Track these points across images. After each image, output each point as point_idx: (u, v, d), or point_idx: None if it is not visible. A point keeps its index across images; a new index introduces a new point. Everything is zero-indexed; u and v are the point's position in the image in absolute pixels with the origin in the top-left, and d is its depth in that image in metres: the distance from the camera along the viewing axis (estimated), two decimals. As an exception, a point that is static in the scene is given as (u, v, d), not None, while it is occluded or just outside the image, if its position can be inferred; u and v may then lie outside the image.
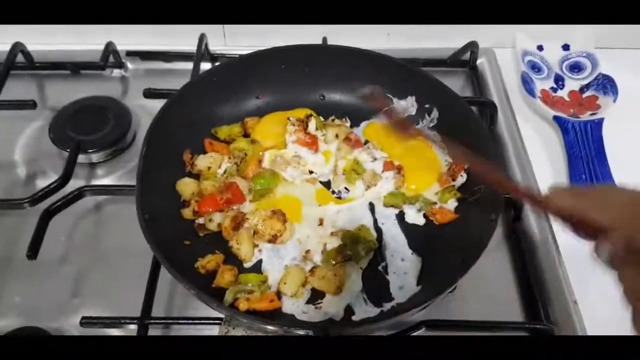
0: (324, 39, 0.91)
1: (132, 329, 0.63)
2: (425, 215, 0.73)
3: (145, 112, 0.87)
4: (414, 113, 0.80)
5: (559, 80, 0.94)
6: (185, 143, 0.76)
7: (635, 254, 0.41)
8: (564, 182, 0.79)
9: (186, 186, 0.73)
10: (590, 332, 0.64)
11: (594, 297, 0.67)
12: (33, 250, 0.65)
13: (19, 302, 0.68)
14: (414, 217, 0.73)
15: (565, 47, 0.98)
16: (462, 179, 0.74)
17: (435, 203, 0.73)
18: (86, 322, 0.62)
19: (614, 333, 0.63)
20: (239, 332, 0.55)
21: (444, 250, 0.67)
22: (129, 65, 0.96)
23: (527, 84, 0.91)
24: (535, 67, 0.95)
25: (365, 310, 0.62)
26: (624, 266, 0.42)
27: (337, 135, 0.77)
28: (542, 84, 0.93)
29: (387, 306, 0.62)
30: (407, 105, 0.80)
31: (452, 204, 0.73)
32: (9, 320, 0.65)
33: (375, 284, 0.66)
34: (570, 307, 0.67)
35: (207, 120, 0.78)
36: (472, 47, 0.95)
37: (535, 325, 0.66)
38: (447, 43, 0.97)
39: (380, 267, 0.68)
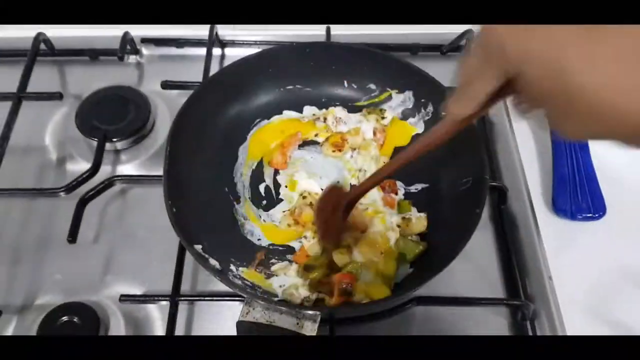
0: (328, 28, 0.97)
1: (164, 304, 0.72)
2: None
3: (161, 99, 0.94)
4: (411, 106, 0.86)
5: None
6: (205, 136, 0.82)
7: None
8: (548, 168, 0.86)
9: None
10: (562, 304, 0.72)
11: (568, 273, 0.75)
12: (72, 236, 0.73)
13: (60, 280, 0.77)
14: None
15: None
16: (401, 190, 0.80)
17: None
18: (125, 299, 0.71)
19: (583, 306, 0.73)
20: (258, 312, 0.64)
21: (434, 238, 0.75)
22: (144, 51, 1.02)
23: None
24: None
25: (365, 292, 0.71)
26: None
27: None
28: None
29: (385, 287, 0.71)
30: (405, 98, 0.87)
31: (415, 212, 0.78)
32: (54, 297, 0.74)
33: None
34: (545, 282, 0.75)
35: (224, 115, 0.85)
36: (468, 34, 1.00)
37: (514, 302, 0.75)
38: (445, 30, 1.02)
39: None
